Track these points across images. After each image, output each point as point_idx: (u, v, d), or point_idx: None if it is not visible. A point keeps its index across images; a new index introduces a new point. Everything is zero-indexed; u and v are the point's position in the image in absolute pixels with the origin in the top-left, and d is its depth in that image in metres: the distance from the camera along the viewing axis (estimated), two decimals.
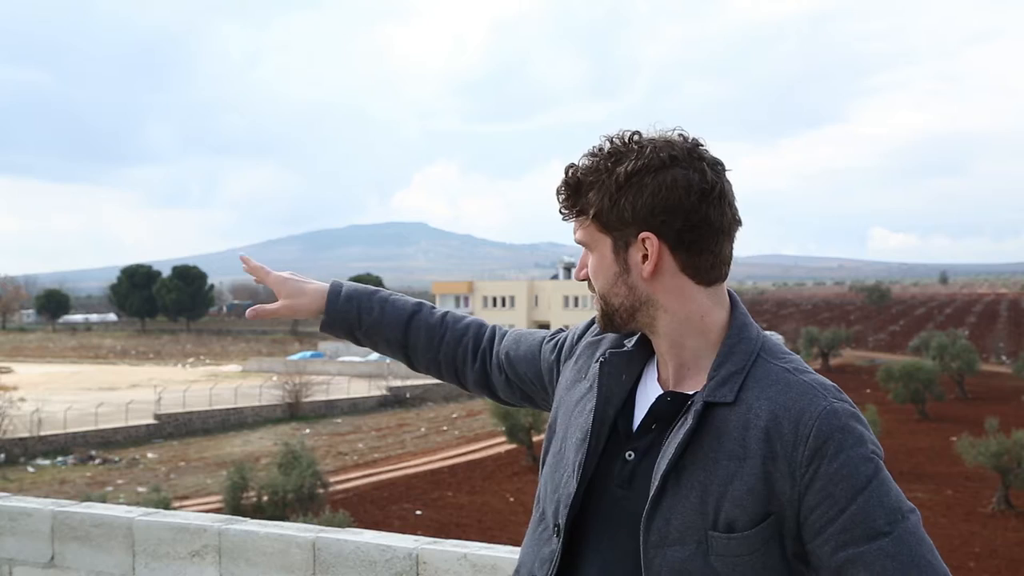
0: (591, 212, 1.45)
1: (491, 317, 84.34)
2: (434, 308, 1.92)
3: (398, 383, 54.17)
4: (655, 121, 1.45)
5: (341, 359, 71.70)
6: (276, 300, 1.92)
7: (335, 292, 1.87)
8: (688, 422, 1.38)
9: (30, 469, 35.04)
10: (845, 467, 1.31)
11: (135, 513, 3.56)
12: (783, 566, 1.37)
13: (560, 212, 1.51)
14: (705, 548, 1.35)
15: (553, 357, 1.74)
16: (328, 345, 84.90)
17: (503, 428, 34.07)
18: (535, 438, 33.81)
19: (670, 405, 1.44)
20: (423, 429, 43.55)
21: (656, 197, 1.39)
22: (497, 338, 1.87)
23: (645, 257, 1.42)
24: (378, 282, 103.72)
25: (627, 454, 1.45)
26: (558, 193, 1.50)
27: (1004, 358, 64.65)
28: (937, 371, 42.10)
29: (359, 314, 1.86)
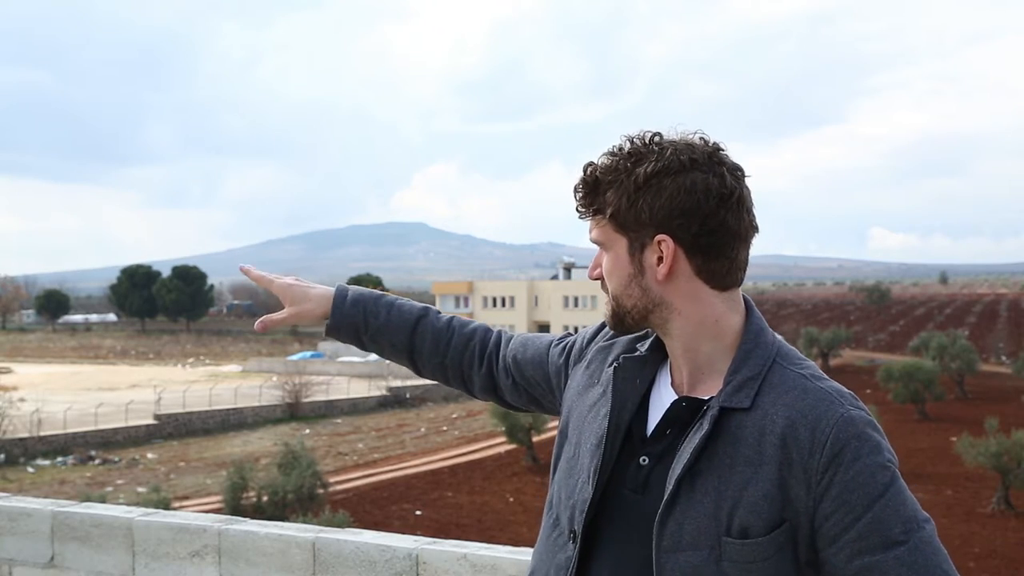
0: (608, 211, 1.44)
1: (491, 317, 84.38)
2: (440, 313, 1.90)
3: (398, 383, 54.18)
4: (676, 123, 1.44)
5: (341, 359, 71.66)
6: (280, 307, 1.89)
7: (340, 297, 1.84)
8: (704, 427, 1.37)
9: (30, 469, 35.06)
10: (861, 475, 1.31)
11: (135, 513, 3.56)
12: (795, 573, 1.36)
13: (576, 210, 1.50)
14: (718, 554, 1.34)
15: (561, 361, 1.73)
16: (328, 345, 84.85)
17: (503, 428, 34.08)
18: (535, 438, 33.83)
19: (685, 410, 1.44)
20: (423, 429, 43.58)
21: (675, 200, 1.38)
22: (504, 342, 1.85)
23: (660, 259, 1.41)
24: (378, 282, 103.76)
25: (641, 459, 1.44)
26: (575, 191, 1.49)
27: (1004, 358, 64.66)
28: (937, 371, 42.12)
29: (365, 319, 1.83)
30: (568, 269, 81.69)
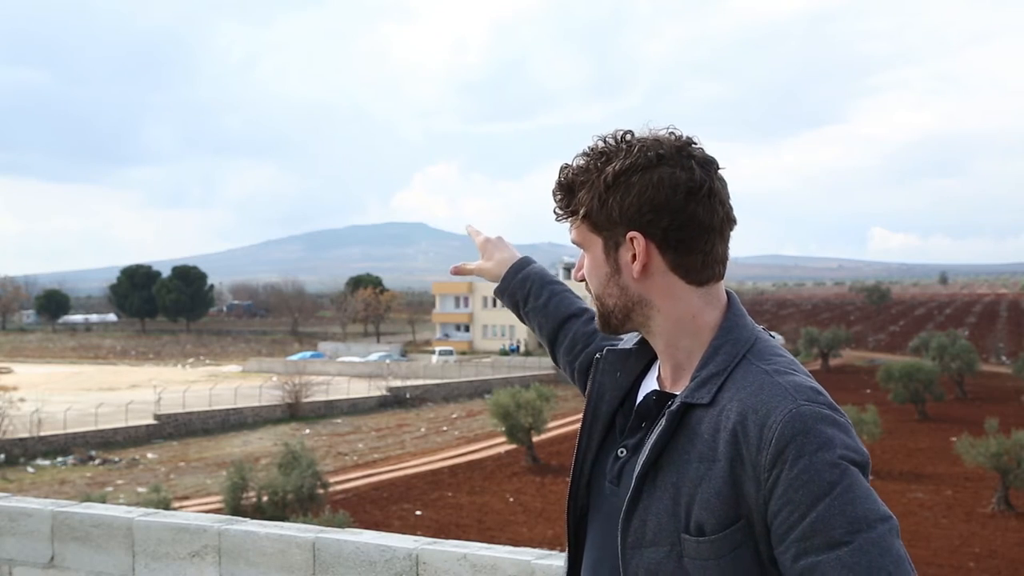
0: (581, 212, 1.46)
1: (491, 318, 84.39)
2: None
3: (398, 383, 54.21)
4: (648, 120, 1.46)
5: (341, 359, 71.70)
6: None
7: (515, 269, 2.00)
8: (662, 423, 1.38)
9: (30, 469, 35.05)
10: (806, 473, 1.26)
11: (135, 513, 3.56)
12: (758, 572, 1.33)
13: (554, 212, 1.51)
14: (679, 551, 1.34)
15: None
16: (328, 345, 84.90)
17: (503, 428, 34.11)
18: (535, 439, 33.89)
19: (654, 404, 1.45)
20: (423, 429, 43.57)
21: (642, 196, 1.38)
22: None
23: (635, 257, 1.42)
24: (378, 282, 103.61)
25: (619, 451, 1.46)
26: (554, 194, 1.51)
27: (1004, 358, 64.68)
28: (937, 371, 42.15)
29: (527, 296, 1.98)
30: (568, 269, 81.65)
